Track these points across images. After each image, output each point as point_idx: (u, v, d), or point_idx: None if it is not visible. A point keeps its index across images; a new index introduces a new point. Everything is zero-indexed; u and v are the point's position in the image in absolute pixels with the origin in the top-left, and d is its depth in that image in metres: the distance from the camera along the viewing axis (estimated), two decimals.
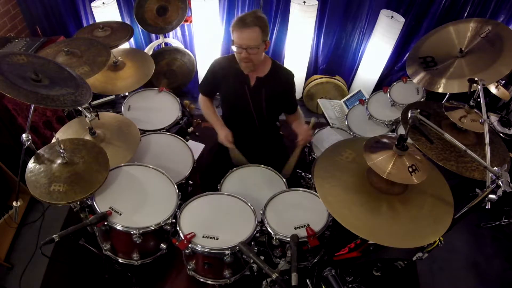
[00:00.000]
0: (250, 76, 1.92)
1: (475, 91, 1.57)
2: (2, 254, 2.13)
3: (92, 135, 1.84)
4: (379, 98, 2.54)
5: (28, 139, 1.58)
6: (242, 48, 1.72)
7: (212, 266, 1.59)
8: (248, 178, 1.95)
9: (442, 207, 1.33)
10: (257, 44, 1.72)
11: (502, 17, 2.89)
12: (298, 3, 2.82)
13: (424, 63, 1.95)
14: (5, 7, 2.82)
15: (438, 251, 1.42)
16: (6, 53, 1.58)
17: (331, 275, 1.46)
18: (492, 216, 2.55)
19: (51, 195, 1.47)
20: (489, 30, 1.82)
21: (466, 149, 1.22)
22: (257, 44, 1.72)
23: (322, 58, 3.42)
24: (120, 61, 2.32)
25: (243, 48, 1.72)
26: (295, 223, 1.62)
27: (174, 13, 2.91)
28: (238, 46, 1.73)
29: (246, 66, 1.81)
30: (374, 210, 1.29)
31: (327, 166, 1.43)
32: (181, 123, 2.25)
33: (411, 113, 1.25)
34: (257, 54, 1.76)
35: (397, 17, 2.88)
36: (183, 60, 3.18)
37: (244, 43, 1.71)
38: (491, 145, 1.43)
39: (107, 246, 1.65)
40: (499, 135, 2.39)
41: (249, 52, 1.73)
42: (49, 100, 1.46)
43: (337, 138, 2.34)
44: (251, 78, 1.92)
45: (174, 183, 1.75)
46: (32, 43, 2.50)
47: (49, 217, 2.42)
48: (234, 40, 1.75)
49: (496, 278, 2.34)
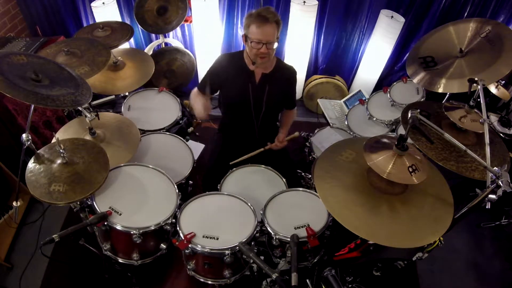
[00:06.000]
0: (256, 73, 1.94)
1: (475, 91, 1.57)
2: (2, 254, 2.13)
3: (92, 135, 1.84)
4: (379, 98, 2.54)
5: (28, 139, 1.58)
6: (262, 43, 1.75)
7: (212, 266, 1.59)
8: (248, 178, 1.95)
9: (442, 207, 1.33)
10: (275, 39, 1.78)
11: (502, 17, 2.89)
12: (298, 3, 2.82)
13: (424, 63, 1.95)
14: (5, 7, 2.82)
15: (438, 251, 1.42)
16: (6, 53, 1.58)
17: (331, 275, 1.46)
18: (492, 216, 2.55)
19: (51, 195, 1.47)
20: (489, 30, 1.82)
21: (466, 149, 1.22)
22: (275, 40, 1.78)
23: (322, 58, 3.42)
24: (120, 61, 2.32)
25: (263, 43, 1.75)
26: (295, 223, 1.62)
27: (174, 13, 2.91)
28: (257, 41, 1.75)
29: (262, 61, 1.84)
30: (374, 210, 1.29)
31: (327, 166, 1.43)
32: (181, 123, 2.25)
33: (411, 113, 1.25)
34: (274, 49, 1.81)
35: (397, 17, 2.88)
36: (183, 60, 3.18)
37: (264, 38, 1.74)
38: (491, 145, 1.43)
39: (107, 246, 1.65)
40: (499, 135, 2.39)
41: (268, 47, 1.77)
42: (49, 100, 1.46)
43: (337, 138, 2.34)
44: (257, 74, 1.95)
45: (174, 183, 1.75)
46: (32, 43, 2.50)
47: (49, 217, 2.41)
48: (251, 35, 1.76)
49: (496, 278, 2.34)
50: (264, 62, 1.85)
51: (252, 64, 1.86)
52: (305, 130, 2.49)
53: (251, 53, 1.82)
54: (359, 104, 2.60)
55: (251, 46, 1.78)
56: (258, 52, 1.78)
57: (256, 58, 1.82)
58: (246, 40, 1.81)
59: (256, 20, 1.73)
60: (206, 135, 2.77)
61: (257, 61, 1.83)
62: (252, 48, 1.79)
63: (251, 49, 1.80)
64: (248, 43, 1.80)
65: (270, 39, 1.75)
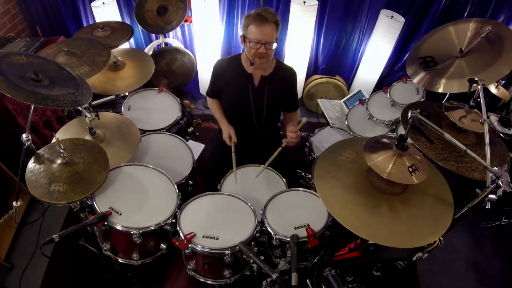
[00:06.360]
0: (255, 76, 1.93)
1: (475, 91, 1.57)
2: (2, 254, 2.13)
3: (92, 135, 1.84)
4: (379, 98, 2.54)
5: (28, 139, 1.58)
6: (261, 43, 1.74)
7: (212, 266, 1.59)
8: (248, 178, 1.95)
9: (442, 207, 1.33)
10: (274, 40, 1.77)
11: (502, 17, 2.89)
12: (298, 3, 2.82)
13: (424, 63, 1.95)
14: (5, 7, 2.82)
15: (438, 251, 1.42)
16: (6, 53, 1.58)
17: (331, 275, 1.46)
18: (492, 216, 2.55)
19: (51, 195, 1.47)
20: (489, 30, 1.82)
21: (466, 149, 1.22)
22: (274, 40, 1.77)
23: (322, 58, 3.42)
24: (120, 61, 2.32)
25: (262, 43, 1.74)
26: (295, 223, 1.62)
27: (174, 13, 2.92)
28: (256, 41, 1.74)
29: (261, 61, 1.83)
30: (374, 210, 1.29)
31: (327, 166, 1.43)
32: (181, 123, 2.25)
33: (411, 113, 1.25)
34: (273, 49, 1.80)
35: (397, 17, 2.88)
36: (183, 60, 3.18)
37: (263, 38, 1.73)
38: (491, 145, 1.43)
39: (107, 246, 1.65)
40: (499, 135, 2.39)
41: (267, 47, 1.76)
42: (49, 100, 1.46)
43: (337, 138, 2.34)
44: (256, 77, 1.94)
45: (174, 183, 1.75)
46: (32, 43, 2.50)
47: (49, 217, 2.42)
48: (250, 35, 1.76)
49: (496, 278, 2.34)
50: (263, 62, 1.83)
51: (250, 65, 1.85)
52: (305, 130, 2.48)
53: (249, 54, 1.81)
54: (359, 104, 2.60)
55: (249, 46, 1.77)
56: (256, 52, 1.77)
57: (255, 58, 1.80)
58: (245, 40, 1.79)
59: (255, 20, 1.72)
60: (206, 135, 2.77)
61: (255, 62, 1.82)
62: (251, 48, 1.77)
63: (249, 50, 1.79)
64: (246, 43, 1.79)
65: (269, 39, 1.75)
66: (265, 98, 1.95)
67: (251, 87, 1.94)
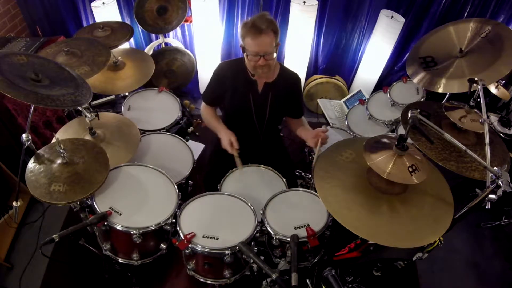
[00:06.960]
0: (259, 82, 1.88)
1: (475, 91, 1.57)
2: (2, 254, 2.13)
3: (92, 135, 1.84)
4: (379, 98, 2.54)
5: (28, 139, 1.58)
6: (260, 55, 1.65)
7: (212, 266, 1.59)
8: (248, 178, 1.95)
9: (442, 207, 1.33)
10: (273, 49, 1.68)
11: (502, 17, 2.89)
12: (298, 3, 2.82)
13: (424, 63, 1.95)
14: (5, 7, 2.82)
15: (438, 251, 1.42)
16: (6, 53, 1.58)
17: (331, 275, 1.46)
18: (492, 216, 2.55)
19: (51, 195, 1.47)
20: (489, 30, 1.82)
21: (466, 149, 1.22)
22: (273, 49, 1.68)
23: (322, 58, 3.42)
24: (120, 61, 2.32)
25: (261, 56, 1.66)
26: (295, 223, 1.62)
27: (174, 13, 2.92)
28: (254, 53, 1.66)
29: (263, 72, 1.74)
30: (374, 210, 1.29)
31: (327, 166, 1.43)
32: (181, 123, 2.25)
33: (411, 113, 1.25)
34: (273, 58, 1.71)
35: (397, 17, 2.88)
36: (183, 60, 3.18)
37: (261, 49, 1.64)
38: (491, 145, 1.43)
39: (107, 246, 1.65)
40: (499, 135, 2.39)
41: (266, 58, 1.67)
42: (49, 100, 1.46)
43: (337, 138, 2.34)
44: (259, 84, 1.89)
45: (174, 183, 1.75)
46: (32, 43, 2.50)
47: (49, 217, 2.42)
48: (247, 47, 1.67)
49: (496, 278, 2.34)
50: (265, 72, 1.75)
51: (252, 76, 1.81)
52: None
53: (249, 66, 1.75)
54: (359, 104, 2.60)
55: (248, 58, 1.70)
56: (256, 64, 1.70)
57: (255, 70, 1.74)
58: (244, 51, 1.71)
59: (250, 31, 1.62)
60: (206, 135, 2.76)
61: (257, 73, 1.76)
62: (250, 60, 1.70)
63: (249, 62, 1.72)
64: (245, 55, 1.71)
65: (268, 50, 1.65)
66: (268, 105, 1.92)
67: (254, 93, 1.90)
